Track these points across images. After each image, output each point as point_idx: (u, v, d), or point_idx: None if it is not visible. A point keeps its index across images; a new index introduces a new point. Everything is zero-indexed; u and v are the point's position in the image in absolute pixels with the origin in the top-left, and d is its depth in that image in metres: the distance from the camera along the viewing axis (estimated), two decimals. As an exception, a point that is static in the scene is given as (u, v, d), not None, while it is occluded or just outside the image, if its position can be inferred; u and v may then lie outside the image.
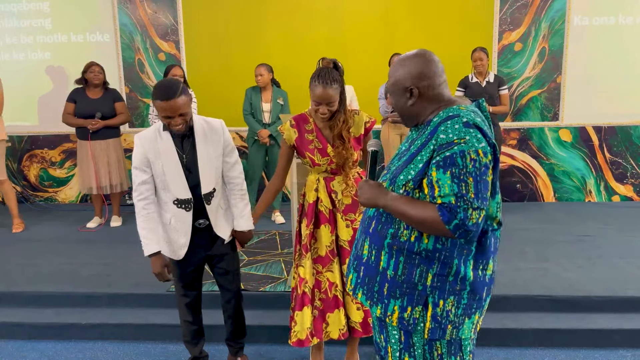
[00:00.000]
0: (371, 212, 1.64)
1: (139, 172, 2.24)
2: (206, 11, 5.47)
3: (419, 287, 1.52)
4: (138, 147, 2.23)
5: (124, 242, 4.36)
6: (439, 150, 1.42)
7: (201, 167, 2.28)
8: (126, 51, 5.60)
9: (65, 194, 5.94)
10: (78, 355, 2.96)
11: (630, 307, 3.05)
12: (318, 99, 2.27)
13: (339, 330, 2.42)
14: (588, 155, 5.46)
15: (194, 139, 2.28)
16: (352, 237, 2.40)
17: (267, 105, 4.72)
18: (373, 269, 1.59)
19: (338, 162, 2.37)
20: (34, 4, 5.60)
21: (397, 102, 1.59)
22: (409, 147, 1.56)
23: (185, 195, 2.28)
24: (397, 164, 1.57)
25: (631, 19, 5.21)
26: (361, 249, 1.66)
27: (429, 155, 1.45)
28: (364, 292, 1.63)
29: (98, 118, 4.57)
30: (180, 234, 2.33)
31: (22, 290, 3.39)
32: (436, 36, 5.27)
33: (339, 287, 2.42)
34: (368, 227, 1.63)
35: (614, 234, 4.30)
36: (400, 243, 1.53)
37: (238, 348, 2.68)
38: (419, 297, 1.53)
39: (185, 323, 2.54)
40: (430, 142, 1.45)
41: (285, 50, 5.41)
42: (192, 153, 2.27)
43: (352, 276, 1.70)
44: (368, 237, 1.62)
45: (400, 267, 1.53)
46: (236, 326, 2.62)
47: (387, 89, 1.59)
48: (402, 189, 1.51)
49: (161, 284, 3.36)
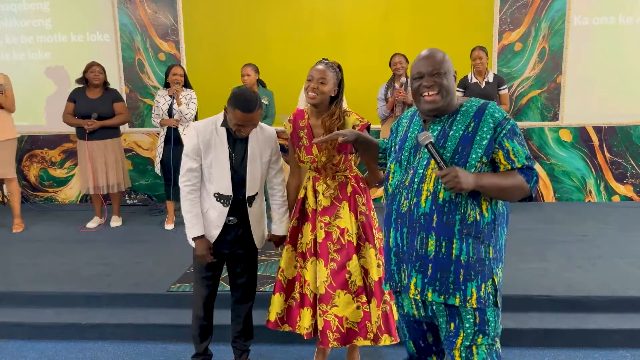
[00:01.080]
0: (427, 209, 1.67)
1: (189, 160, 2.32)
2: (206, 11, 5.47)
3: (486, 262, 1.67)
4: (193, 136, 2.31)
5: (124, 242, 4.36)
6: (500, 125, 1.65)
7: (249, 171, 2.37)
8: (126, 51, 5.60)
9: (65, 194, 5.94)
10: (78, 355, 2.96)
11: (630, 307, 3.05)
12: (313, 72, 2.31)
13: (305, 329, 2.41)
14: (588, 155, 5.46)
15: (247, 141, 2.36)
16: (322, 239, 2.36)
17: None
18: (445, 261, 1.66)
19: (321, 159, 2.35)
20: (34, 4, 5.60)
21: (450, 79, 1.71)
22: (448, 134, 1.69)
23: (227, 191, 2.35)
24: (450, 149, 1.67)
25: (631, 19, 5.21)
26: (423, 248, 1.68)
27: (492, 133, 1.65)
28: (435, 288, 1.68)
29: (94, 118, 4.56)
30: (213, 226, 2.40)
31: (22, 290, 3.39)
32: (436, 36, 5.26)
33: (311, 286, 2.41)
34: (429, 224, 1.66)
35: (614, 234, 4.30)
36: (468, 226, 1.65)
37: (243, 350, 2.68)
38: (488, 272, 1.68)
39: (197, 318, 2.56)
40: (482, 123, 1.66)
41: (285, 50, 5.41)
42: (242, 154, 2.36)
43: (415, 279, 1.71)
44: (433, 232, 1.66)
45: (471, 248, 1.65)
46: (244, 327, 2.64)
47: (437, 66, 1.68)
48: (476, 167, 1.65)
49: (161, 284, 3.37)
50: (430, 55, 1.73)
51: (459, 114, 1.71)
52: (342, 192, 2.39)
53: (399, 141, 1.85)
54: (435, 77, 1.68)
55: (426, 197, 1.67)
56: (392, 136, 1.96)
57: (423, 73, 1.71)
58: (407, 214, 1.71)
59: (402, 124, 1.91)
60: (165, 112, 4.53)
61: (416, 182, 1.70)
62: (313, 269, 2.42)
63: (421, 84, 1.70)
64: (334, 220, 2.37)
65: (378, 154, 2.08)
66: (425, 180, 1.69)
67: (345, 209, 2.38)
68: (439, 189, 1.66)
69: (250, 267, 2.57)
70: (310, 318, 2.41)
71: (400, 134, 1.88)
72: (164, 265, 3.70)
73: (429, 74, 1.69)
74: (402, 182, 1.75)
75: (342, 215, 2.37)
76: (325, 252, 2.36)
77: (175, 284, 3.36)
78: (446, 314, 1.71)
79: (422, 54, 1.75)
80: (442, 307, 1.71)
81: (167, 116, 4.53)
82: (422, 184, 1.69)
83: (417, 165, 1.73)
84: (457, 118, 1.71)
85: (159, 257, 3.91)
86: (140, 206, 5.65)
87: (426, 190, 1.68)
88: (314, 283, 2.41)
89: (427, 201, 1.67)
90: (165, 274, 3.54)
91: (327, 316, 2.35)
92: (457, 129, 1.69)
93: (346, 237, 2.36)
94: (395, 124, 1.96)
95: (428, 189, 1.68)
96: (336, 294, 2.35)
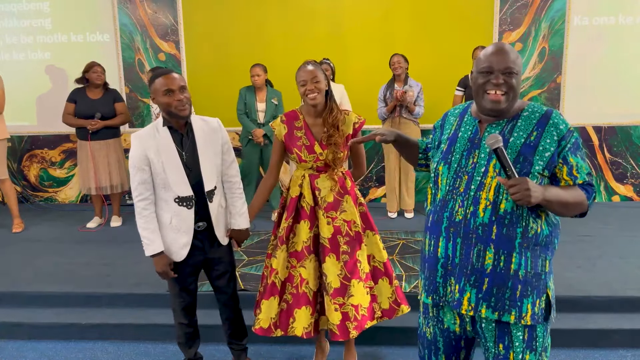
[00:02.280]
0: (485, 219, 1.55)
1: (137, 172, 2.21)
2: (206, 11, 5.47)
3: (542, 276, 1.60)
4: (136, 146, 2.21)
5: (124, 242, 4.36)
6: (564, 139, 1.55)
7: (202, 165, 2.29)
8: (126, 51, 5.60)
9: (65, 194, 5.94)
10: (78, 355, 2.96)
11: (630, 307, 3.06)
12: (303, 76, 2.33)
13: (303, 328, 2.41)
14: (588, 155, 5.46)
15: (193, 136, 2.29)
16: (332, 234, 2.40)
17: (262, 105, 4.72)
18: (503, 276, 1.56)
19: (328, 156, 2.37)
20: (34, 4, 5.60)
21: (519, 84, 1.59)
22: (508, 140, 1.56)
23: (187, 192, 2.27)
24: (510, 157, 1.53)
25: (631, 19, 5.21)
26: (480, 261, 1.57)
27: (555, 146, 1.54)
28: (489, 304, 1.58)
29: (97, 118, 4.57)
30: (182, 233, 2.31)
31: (22, 290, 3.39)
32: (436, 36, 5.26)
33: (310, 284, 2.42)
34: (488, 235, 1.55)
35: (614, 234, 4.30)
36: (528, 239, 1.56)
37: (240, 350, 2.67)
38: (543, 286, 1.60)
39: (181, 326, 2.51)
40: (546, 134, 1.55)
41: (285, 50, 5.41)
42: (193, 150, 2.28)
43: (469, 294, 1.59)
44: (491, 245, 1.55)
45: (530, 262, 1.57)
46: (235, 328, 2.61)
47: (511, 65, 1.54)
48: (537, 179, 1.54)
49: (161, 284, 3.36)
50: (504, 50, 1.57)
51: (521, 119, 1.58)
52: (342, 187, 2.44)
53: (446, 140, 1.71)
54: (507, 76, 1.55)
55: (485, 207, 1.55)
56: (435, 134, 1.83)
57: (494, 69, 1.55)
58: (461, 223, 1.58)
59: (448, 121, 1.76)
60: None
61: (472, 189, 1.57)
62: (312, 267, 2.43)
63: (488, 80, 1.56)
64: (340, 215, 2.41)
65: (418, 154, 1.95)
66: (484, 189, 1.56)
67: (349, 202, 2.44)
68: (500, 199, 1.54)
69: (228, 266, 2.49)
70: (310, 316, 2.42)
71: (447, 132, 1.73)
72: (164, 265, 3.70)
73: (501, 71, 1.55)
74: (455, 188, 1.61)
75: (347, 208, 2.43)
76: (336, 247, 2.40)
77: (175, 284, 3.36)
78: (495, 332, 1.61)
79: (495, 48, 1.59)
80: (492, 324, 1.61)
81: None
82: (479, 192, 1.56)
83: (472, 171, 1.59)
84: (519, 124, 1.58)
85: (159, 257, 3.90)
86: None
87: (484, 199, 1.55)
88: (313, 281, 2.43)
89: (485, 211, 1.55)
90: (165, 274, 3.54)
91: (344, 308, 2.38)
92: (518, 135, 1.56)
93: (354, 228, 2.43)
94: (440, 121, 1.82)
95: (487, 197, 1.55)
96: (351, 284, 2.41)
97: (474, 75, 1.62)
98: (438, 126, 1.82)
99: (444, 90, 5.11)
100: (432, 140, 1.85)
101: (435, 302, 1.69)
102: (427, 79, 5.00)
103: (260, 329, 2.45)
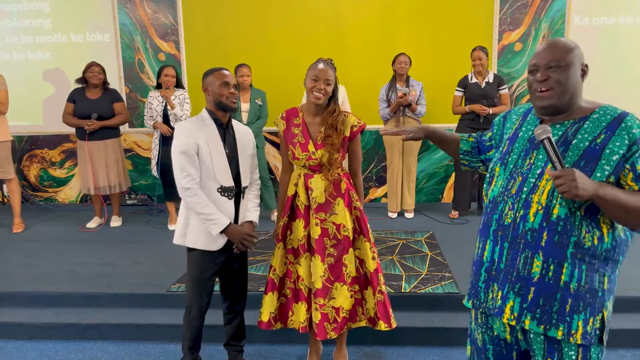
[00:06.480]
0: (535, 224, 1.44)
1: (187, 158, 2.25)
2: (206, 11, 5.47)
3: (599, 293, 1.45)
4: (184, 134, 2.26)
5: (124, 242, 4.36)
6: (636, 144, 1.40)
7: (241, 161, 2.41)
8: (126, 51, 5.60)
9: (65, 194, 5.94)
10: (78, 355, 2.96)
11: (630, 307, 3.05)
12: (318, 72, 2.32)
13: (300, 323, 2.47)
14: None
15: (233, 133, 2.42)
16: (319, 236, 2.40)
17: (246, 105, 4.69)
18: (551, 286, 1.44)
19: (323, 156, 2.37)
20: (34, 4, 5.60)
21: (572, 74, 1.48)
22: (571, 142, 1.45)
23: (229, 183, 2.35)
24: (571, 161, 1.44)
25: (631, 19, 5.21)
26: (526, 269, 1.46)
27: (625, 150, 1.40)
28: (535, 316, 1.46)
29: (94, 119, 4.55)
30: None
31: (22, 290, 3.39)
32: (436, 36, 5.27)
33: (305, 281, 2.46)
34: (537, 242, 1.44)
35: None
36: (583, 250, 1.42)
37: (237, 351, 2.67)
38: (599, 305, 1.46)
39: (194, 329, 2.48)
40: (616, 137, 1.41)
41: (285, 50, 5.41)
42: (233, 146, 2.40)
43: (512, 302, 1.49)
44: (540, 252, 1.44)
45: (584, 276, 1.43)
46: (240, 328, 2.64)
47: (555, 57, 1.46)
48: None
49: (161, 284, 3.37)
50: (552, 45, 1.49)
51: (589, 121, 1.46)
52: (336, 189, 2.43)
53: (507, 140, 1.62)
54: (550, 71, 1.46)
55: (536, 211, 1.44)
56: (493, 131, 1.74)
57: (538, 65, 1.48)
58: (510, 226, 1.49)
59: (510, 119, 1.68)
60: (160, 114, 4.50)
61: (525, 192, 1.47)
62: (307, 264, 2.45)
63: (535, 78, 1.49)
64: (330, 217, 2.41)
65: (459, 153, 1.86)
66: (537, 192, 1.45)
67: (340, 205, 2.42)
68: (553, 204, 1.42)
69: (243, 267, 2.56)
70: (305, 312, 2.47)
71: (508, 131, 1.64)
72: (164, 265, 3.70)
73: (545, 66, 1.47)
74: (507, 190, 1.52)
75: (338, 211, 2.42)
76: (321, 248, 2.40)
77: (175, 284, 3.36)
78: (544, 347, 1.49)
79: (543, 44, 1.51)
80: (540, 337, 1.49)
81: (162, 117, 4.51)
82: (532, 195, 1.46)
83: (527, 172, 1.49)
84: (585, 125, 1.46)
85: (159, 257, 3.90)
86: (140, 206, 5.66)
87: (536, 202, 1.44)
88: (308, 278, 2.45)
89: (536, 215, 1.44)
90: (165, 274, 3.54)
91: (324, 309, 2.40)
92: (582, 138, 1.44)
93: (342, 232, 2.42)
94: (501, 117, 1.73)
95: (539, 201, 1.44)
96: (334, 287, 2.42)
97: (528, 76, 1.57)
98: (497, 123, 1.74)
99: (444, 90, 5.11)
100: (489, 139, 1.77)
101: (475, 307, 1.61)
102: (427, 79, 5.00)
103: (261, 322, 2.51)
